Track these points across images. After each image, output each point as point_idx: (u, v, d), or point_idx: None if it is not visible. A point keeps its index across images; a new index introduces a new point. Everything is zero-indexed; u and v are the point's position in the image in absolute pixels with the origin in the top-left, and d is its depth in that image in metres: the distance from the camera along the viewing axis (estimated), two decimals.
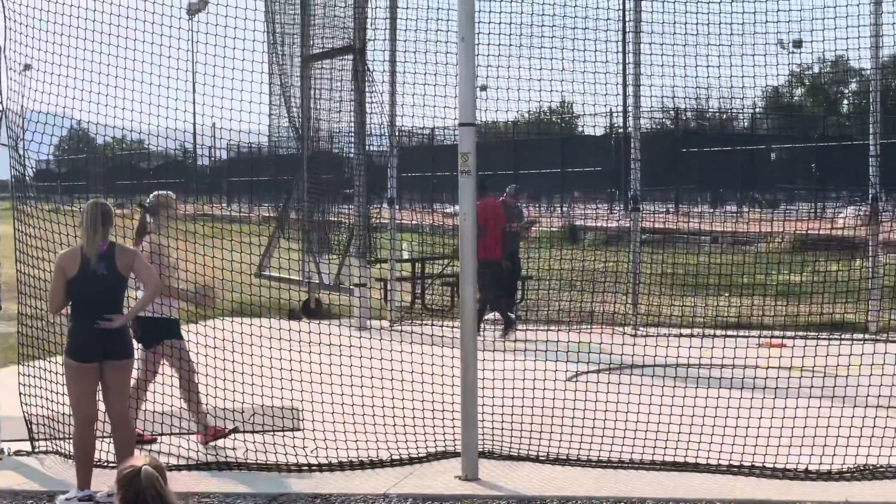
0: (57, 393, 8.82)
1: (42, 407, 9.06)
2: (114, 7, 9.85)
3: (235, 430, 9.20)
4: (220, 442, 9.12)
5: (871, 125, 15.35)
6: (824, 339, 12.18)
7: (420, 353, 9.98)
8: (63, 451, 8.78)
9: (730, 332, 14.07)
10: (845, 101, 55.96)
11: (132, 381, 8.50)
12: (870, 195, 15.33)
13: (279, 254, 15.06)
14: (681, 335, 14.02)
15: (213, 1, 11.50)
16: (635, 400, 9.32)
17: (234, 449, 8.89)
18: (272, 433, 9.19)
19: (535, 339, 11.20)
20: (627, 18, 15.71)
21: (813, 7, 13.91)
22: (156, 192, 9.63)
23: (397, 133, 17.32)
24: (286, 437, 8.99)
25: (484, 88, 15.65)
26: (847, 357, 9.74)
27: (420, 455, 8.78)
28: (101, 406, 7.87)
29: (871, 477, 8.15)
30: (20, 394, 9.17)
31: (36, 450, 9.00)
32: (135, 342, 8.41)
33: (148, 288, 7.84)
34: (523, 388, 9.66)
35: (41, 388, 9.02)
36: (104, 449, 8.35)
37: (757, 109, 45.41)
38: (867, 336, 13.95)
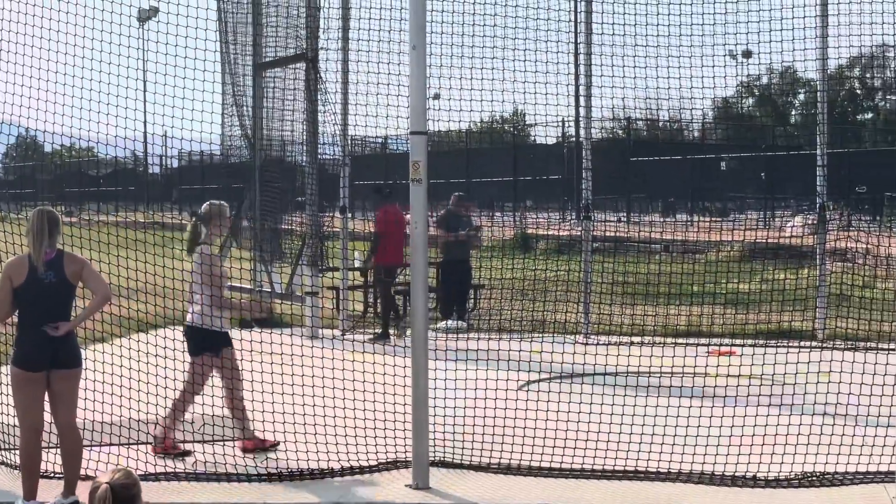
0: (3, 403, 8.72)
1: None
2: (62, 14, 9.77)
3: (276, 445, 9.17)
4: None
5: (818, 135, 15.53)
6: (772, 346, 12.32)
7: (372, 361, 9.97)
8: (9, 461, 8.68)
9: (680, 341, 14.19)
10: (793, 112, 56.59)
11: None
12: (817, 204, 15.49)
13: (230, 262, 14.97)
14: (631, 343, 14.12)
15: (163, 9, 11.42)
16: (586, 409, 9.35)
17: (182, 460, 8.83)
18: (222, 443, 9.13)
19: (486, 347, 11.22)
20: (579, 30, 15.77)
21: (760, 20, 14.08)
22: (208, 202, 9.57)
23: (350, 141, 17.29)
24: (236, 447, 8.94)
25: (437, 97, 15.68)
26: (794, 365, 9.83)
27: (370, 464, 8.76)
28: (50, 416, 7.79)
29: (818, 484, 8.21)
30: None
31: None
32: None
33: (97, 296, 7.77)
34: (475, 397, 9.67)
35: None
36: (50, 460, 8.26)
37: (707, 119, 45.82)
38: (815, 344, 14.09)
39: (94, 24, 10.14)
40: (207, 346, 9.19)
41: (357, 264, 19.42)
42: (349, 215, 17.12)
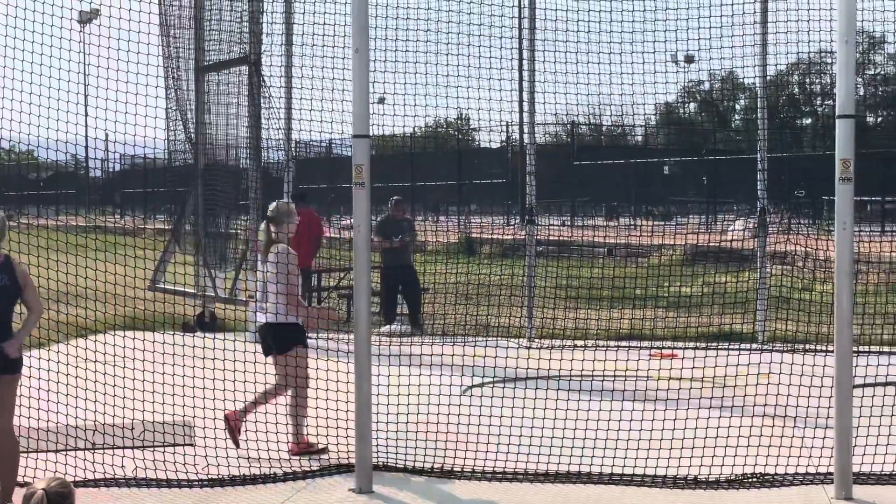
0: None
1: None
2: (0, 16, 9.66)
3: (325, 450, 9.17)
4: (107, 458, 8.94)
5: (759, 140, 15.70)
6: (714, 349, 12.43)
7: (314, 367, 9.92)
8: None
9: (623, 344, 14.29)
10: (735, 116, 57.16)
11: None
12: (758, 208, 15.67)
13: (173, 267, 14.88)
14: (575, 347, 14.18)
15: (105, 12, 11.31)
16: (529, 412, 9.39)
17: (122, 466, 8.74)
18: (163, 449, 9.06)
19: (430, 352, 11.21)
20: (523, 35, 15.82)
21: (699, 27, 14.16)
22: (276, 202, 9.70)
23: (294, 145, 17.23)
24: (177, 454, 8.87)
25: (382, 101, 15.66)
26: (735, 367, 9.93)
27: (314, 469, 8.74)
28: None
29: (758, 485, 8.30)
30: None
31: None
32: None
33: (34, 313, 7.65)
34: (418, 402, 9.68)
35: None
36: None
37: (650, 124, 46.16)
38: (755, 346, 14.25)
39: (35, 27, 10.02)
40: (295, 339, 9.29)
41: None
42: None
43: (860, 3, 14.00)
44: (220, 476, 8.53)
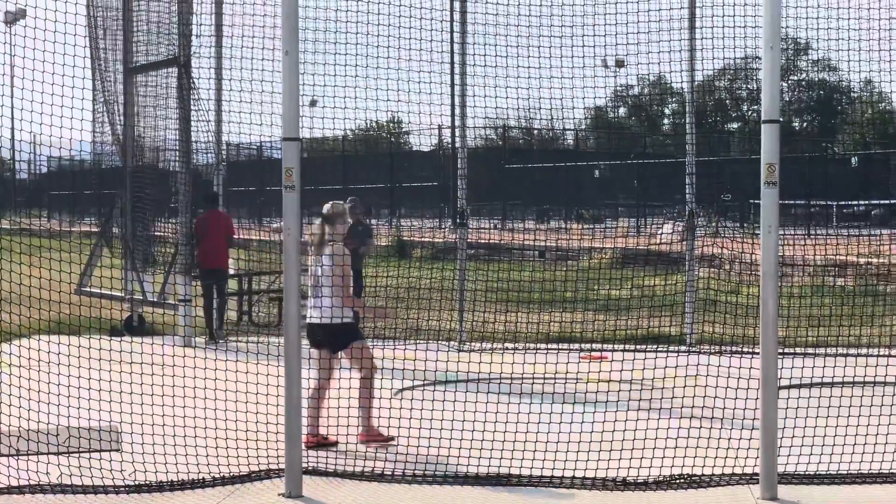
0: None
1: None
2: None
3: (391, 439, 9.46)
4: (31, 465, 8.80)
5: (687, 144, 15.87)
6: (643, 351, 12.53)
7: (245, 371, 9.86)
8: None
9: (553, 346, 14.36)
10: (665, 121, 57.74)
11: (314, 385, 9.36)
12: (686, 211, 15.83)
13: (101, 270, 14.70)
14: (505, 349, 14.26)
15: (31, 12, 11.14)
16: (459, 416, 9.40)
17: (47, 473, 8.62)
18: (89, 455, 8.94)
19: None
20: (455, 39, 15.84)
21: (627, 32, 14.30)
22: (331, 202, 9.90)
23: (225, 147, 17.13)
24: (103, 460, 8.76)
25: (314, 103, 15.59)
26: (663, 369, 10.02)
27: (243, 473, 8.67)
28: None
29: (686, 486, 8.38)
30: None
31: None
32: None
33: None
34: (349, 405, 9.64)
35: None
36: None
37: (581, 128, 46.46)
38: (683, 348, 14.40)
39: None
40: (350, 336, 9.63)
41: (232, 271, 19.26)
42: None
43: (785, 10, 14.20)
44: (147, 482, 8.43)
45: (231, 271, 18.92)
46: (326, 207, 9.83)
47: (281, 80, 8.41)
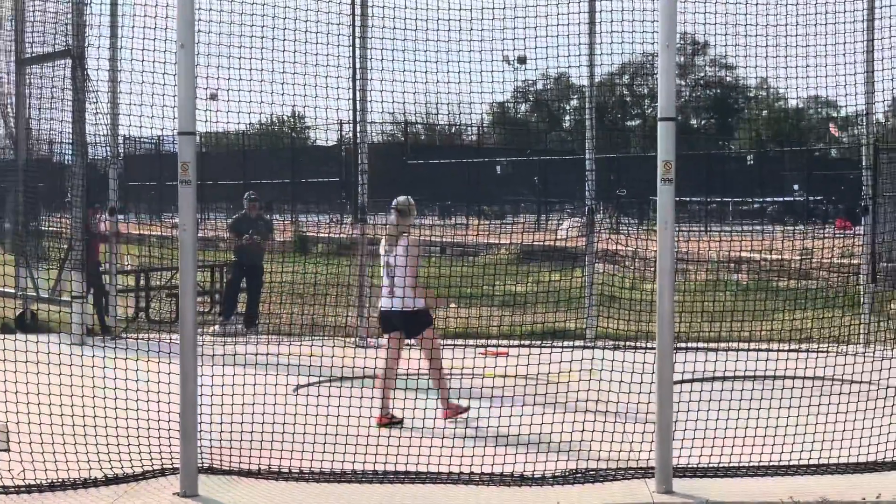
0: None
1: None
2: None
3: (468, 409, 10.24)
4: None
5: (587, 140, 16.00)
6: (542, 346, 12.60)
7: (141, 369, 9.70)
8: None
9: (453, 342, 14.37)
10: (567, 117, 58.22)
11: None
12: (586, 207, 15.96)
13: None
14: (407, 345, 14.21)
15: None
16: (355, 412, 9.36)
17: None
18: None
19: (261, 351, 11.07)
20: (356, 34, 15.74)
21: (526, 26, 14.36)
22: (405, 197, 10.64)
23: (122, 141, 16.85)
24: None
25: (213, 98, 15.36)
26: (562, 364, 10.07)
27: (138, 473, 8.52)
28: None
29: (583, 480, 8.43)
30: None
31: None
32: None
33: None
34: (250, 402, 9.54)
35: None
36: None
37: (484, 124, 46.63)
38: (579, 343, 14.52)
39: None
40: (425, 322, 10.41)
41: (129, 267, 19.00)
42: (119, 217, 16.60)
43: (682, 6, 14.38)
44: (38, 482, 8.25)
45: (127, 267, 18.69)
46: (401, 200, 10.59)
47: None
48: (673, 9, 8.21)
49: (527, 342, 13.42)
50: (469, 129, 45.35)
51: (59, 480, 8.30)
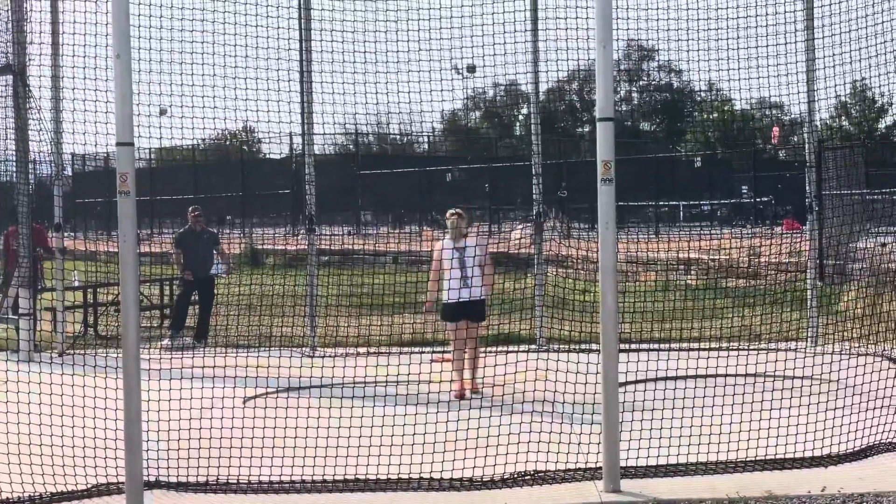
0: None
1: None
2: None
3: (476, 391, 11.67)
4: None
5: (533, 145, 16.04)
6: (493, 352, 12.60)
7: (90, 385, 9.58)
8: None
9: (405, 349, 14.37)
10: (518, 124, 58.41)
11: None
12: (534, 213, 16.00)
13: None
14: (357, 354, 14.21)
15: None
16: (305, 423, 9.31)
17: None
18: None
19: (210, 364, 10.98)
20: (303, 47, 15.68)
21: (472, 34, 14.40)
22: (464, 206, 12.17)
23: (70, 158, 16.72)
24: None
25: (163, 112, 15.26)
26: (511, 367, 10.08)
27: (81, 490, 8.42)
28: None
29: (531, 482, 8.44)
30: None
31: None
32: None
33: None
34: (200, 416, 9.46)
35: None
36: None
37: (435, 132, 46.66)
38: (533, 347, 14.56)
39: None
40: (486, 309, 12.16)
41: (76, 283, 18.84)
42: (64, 233, 16.42)
43: (625, 11, 14.48)
44: None
45: (75, 284, 18.54)
46: (458, 209, 12.20)
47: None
48: (608, 9, 8.26)
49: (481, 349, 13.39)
50: (420, 138, 45.39)
51: (4, 499, 8.19)
